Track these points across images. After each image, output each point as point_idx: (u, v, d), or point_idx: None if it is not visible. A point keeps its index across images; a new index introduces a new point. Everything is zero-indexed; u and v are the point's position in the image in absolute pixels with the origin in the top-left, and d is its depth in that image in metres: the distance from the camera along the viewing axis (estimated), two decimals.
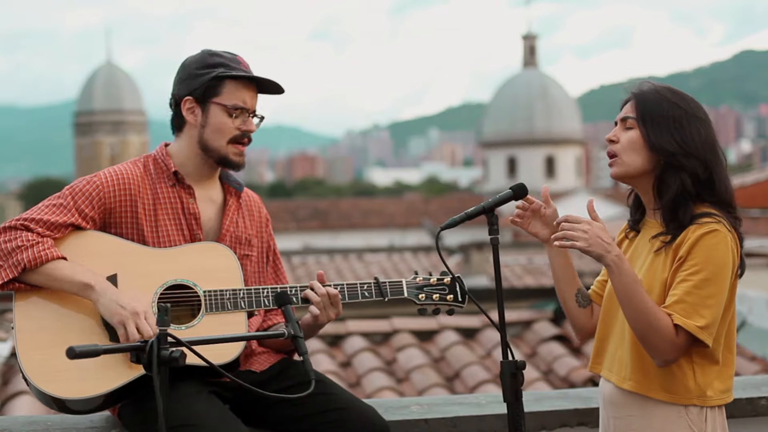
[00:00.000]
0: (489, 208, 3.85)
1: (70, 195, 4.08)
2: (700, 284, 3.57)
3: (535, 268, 26.51)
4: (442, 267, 14.97)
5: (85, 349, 2.93)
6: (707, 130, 3.75)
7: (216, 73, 4.17)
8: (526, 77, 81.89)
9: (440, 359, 9.26)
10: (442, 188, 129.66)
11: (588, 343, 9.43)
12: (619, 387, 3.80)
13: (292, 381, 4.15)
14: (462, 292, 4.35)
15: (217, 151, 4.20)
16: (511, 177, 77.78)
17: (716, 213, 3.67)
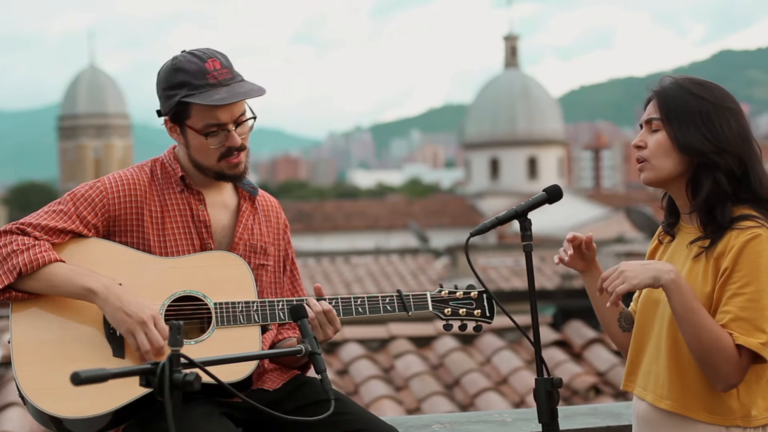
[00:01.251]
0: (522, 212, 3.67)
1: (71, 201, 3.84)
2: (754, 297, 3.35)
3: (522, 270, 26.34)
4: (431, 269, 14.86)
5: (90, 375, 2.64)
6: (738, 120, 3.52)
7: (179, 98, 3.84)
8: (507, 78, 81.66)
9: (439, 366, 9.09)
10: (424, 190, 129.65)
11: (589, 349, 9.27)
12: (656, 406, 3.57)
13: (308, 400, 3.93)
14: (490, 307, 4.10)
15: (210, 168, 3.94)
16: (493, 178, 77.72)
17: (757, 215, 3.45)
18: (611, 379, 8.69)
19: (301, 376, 4.08)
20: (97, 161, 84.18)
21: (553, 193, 3.74)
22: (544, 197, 3.74)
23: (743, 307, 3.35)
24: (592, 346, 9.36)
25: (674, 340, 3.49)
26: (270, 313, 3.87)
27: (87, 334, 3.76)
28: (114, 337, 3.75)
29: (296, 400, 3.91)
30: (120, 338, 3.75)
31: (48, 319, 3.76)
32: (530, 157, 78.14)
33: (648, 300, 3.63)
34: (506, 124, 78.56)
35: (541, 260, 28.20)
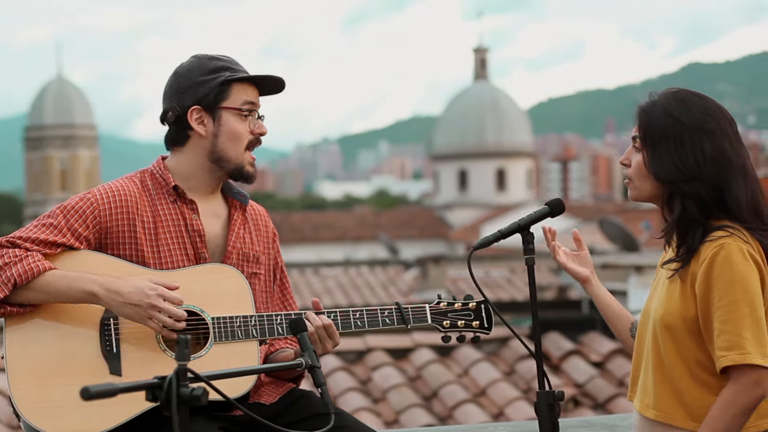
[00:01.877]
0: (525, 225, 3.70)
1: (61, 213, 3.78)
2: (731, 308, 3.40)
3: (492, 281, 26.47)
4: (401, 281, 14.85)
5: (100, 390, 2.61)
6: (716, 143, 3.52)
7: (224, 77, 3.91)
8: (477, 90, 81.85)
9: (416, 378, 9.08)
10: (391, 201, 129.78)
11: (567, 361, 9.31)
12: (643, 415, 3.62)
13: (305, 413, 3.88)
14: (488, 317, 4.11)
15: (233, 160, 3.92)
16: (462, 190, 77.86)
17: (730, 225, 3.48)
18: (590, 390, 8.71)
19: (297, 389, 4.04)
20: (64, 172, 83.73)
21: (555, 206, 3.77)
22: (547, 210, 3.76)
23: (724, 320, 3.40)
24: (570, 358, 9.37)
25: (657, 350, 3.55)
26: (268, 327, 3.83)
27: (82, 352, 3.71)
28: (111, 355, 3.70)
29: (294, 414, 3.86)
30: (116, 356, 3.71)
31: (43, 336, 3.71)
32: (499, 169, 78.34)
33: (644, 312, 3.69)
34: (475, 135, 78.73)
35: (511, 272, 28.30)
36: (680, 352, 3.50)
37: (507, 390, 8.61)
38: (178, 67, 4.00)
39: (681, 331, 3.48)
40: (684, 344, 3.49)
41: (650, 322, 3.60)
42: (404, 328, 4.03)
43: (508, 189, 77.66)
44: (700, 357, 3.49)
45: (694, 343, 3.48)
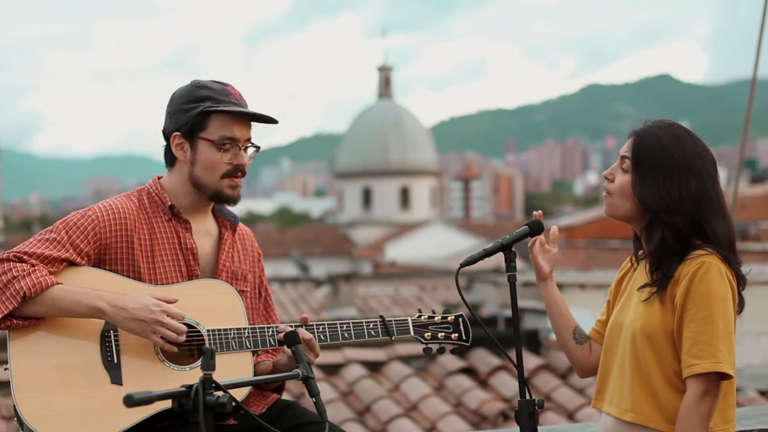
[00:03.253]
0: (507, 244, 3.91)
1: (63, 230, 3.95)
2: (707, 321, 3.66)
3: (403, 299, 26.63)
4: (312, 298, 14.96)
5: (141, 397, 2.84)
6: (700, 181, 3.79)
7: (202, 108, 4.07)
8: (381, 108, 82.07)
9: (349, 393, 9.24)
10: (294, 218, 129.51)
11: (494, 376, 9.54)
12: (621, 419, 3.84)
13: (292, 423, 4.08)
14: (466, 330, 4.33)
15: (209, 186, 4.11)
16: (366, 208, 78.06)
17: (708, 246, 3.75)
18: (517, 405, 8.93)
19: (282, 400, 4.24)
20: None
21: (535, 226, 3.99)
22: (527, 231, 3.99)
23: (700, 331, 3.66)
24: (497, 373, 9.60)
25: (636, 358, 3.80)
26: (261, 339, 4.04)
27: (84, 363, 3.86)
28: (111, 365, 3.86)
29: (283, 423, 4.04)
30: (117, 365, 3.87)
31: (46, 347, 3.85)
32: (403, 187, 78.64)
33: (614, 324, 3.93)
34: (379, 154, 78.95)
35: (421, 289, 28.51)
36: (659, 360, 3.76)
37: (438, 405, 8.81)
38: (175, 91, 4.19)
39: (661, 341, 3.74)
40: (663, 353, 3.75)
41: (627, 333, 3.84)
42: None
43: (412, 207, 78.00)
44: (676, 366, 3.75)
45: (672, 353, 3.75)
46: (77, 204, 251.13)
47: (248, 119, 4.16)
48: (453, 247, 60.42)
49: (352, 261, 64.69)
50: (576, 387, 9.46)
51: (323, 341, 4.17)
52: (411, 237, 68.25)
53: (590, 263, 30.64)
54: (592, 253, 33.42)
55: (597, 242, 36.22)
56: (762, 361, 10.32)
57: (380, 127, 79.66)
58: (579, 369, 4.18)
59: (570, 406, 8.99)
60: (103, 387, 3.84)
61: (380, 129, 79.57)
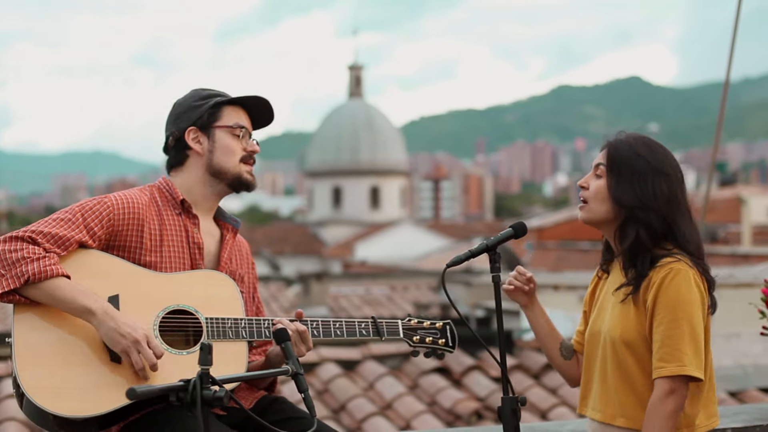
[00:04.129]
0: (492, 246, 3.99)
1: (79, 212, 4.07)
2: (672, 325, 3.79)
3: (374, 298, 26.73)
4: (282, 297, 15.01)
5: (143, 390, 2.97)
6: (671, 185, 3.95)
7: (215, 101, 4.32)
8: (351, 107, 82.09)
9: (324, 392, 9.30)
10: (263, 217, 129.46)
11: (468, 376, 9.63)
12: (609, 423, 3.95)
13: (279, 416, 4.18)
14: (452, 337, 4.44)
15: (230, 171, 4.31)
16: (336, 207, 78.09)
17: (677, 252, 3.88)
18: (492, 404, 9.01)
19: (267, 395, 4.35)
20: None
21: (519, 229, 4.08)
22: (511, 233, 4.07)
23: (667, 335, 3.79)
24: (471, 373, 9.68)
25: (619, 364, 3.90)
26: (257, 330, 4.15)
27: (85, 339, 3.94)
28: None
29: (269, 417, 4.14)
30: None
31: (49, 322, 3.94)
32: (373, 187, 78.69)
33: (590, 334, 4.07)
34: (349, 153, 78.99)
35: (391, 289, 28.60)
36: (641, 364, 3.89)
37: (412, 404, 8.88)
38: (177, 99, 4.41)
39: (640, 346, 3.86)
40: (644, 357, 3.88)
41: (606, 341, 3.97)
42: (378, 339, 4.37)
43: (382, 207, 78.09)
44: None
45: (650, 356, 3.85)
46: (44, 200, 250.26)
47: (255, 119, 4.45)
48: (422, 247, 60.61)
49: (322, 260, 64.78)
50: (549, 387, 9.56)
51: (316, 337, 4.29)
52: (381, 237, 68.36)
53: (561, 264, 30.84)
54: (562, 254, 33.63)
55: (567, 243, 36.47)
56: (732, 362, 10.45)
57: (351, 126, 79.71)
58: (569, 381, 4.31)
59: (543, 406, 9.08)
60: (103, 364, 3.93)
61: (351, 128, 79.61)
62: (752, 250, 26.41)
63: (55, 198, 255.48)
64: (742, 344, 10.74)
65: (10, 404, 7.89)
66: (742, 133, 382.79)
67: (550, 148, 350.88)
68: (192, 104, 4.34)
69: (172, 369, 3.90)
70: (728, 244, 31.91)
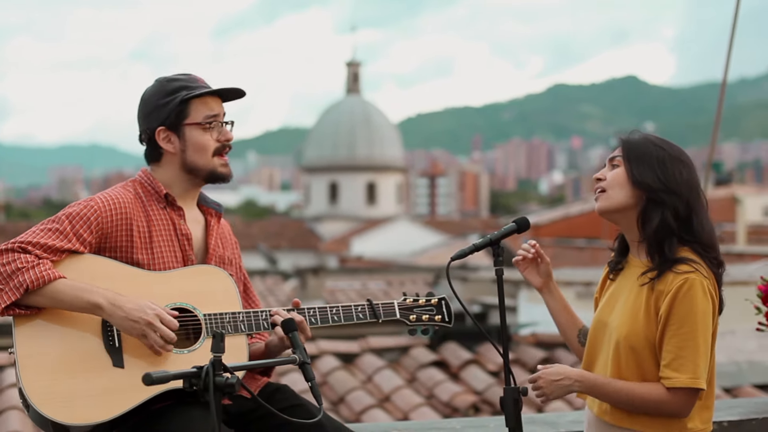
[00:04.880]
0: (495, 240, 4.04)
1: (67, 220, 4.09)
2: (688, 336, 3.82)
3: (370, 293, 26.75)
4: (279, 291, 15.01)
5: (159, 376, 3.09)
6: (690, 173, 3.96)
7: (180, 97, 4.28)
8: (349, 103, 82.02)
9: (322, 384, 9.37)
10: (260, 212, 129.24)
11: (465, 370, 9.71)
12: (601, 418, 4.01)
13: (282, 405, 4.23)
14: (449, 312, 4.49)
15: (204, 168, 4.31)
16: (332, 202, 78.07)
17: (694, 259, 3.89)
18: (489, 397, 9.11)
19: (272, 383, 4.42)
20: None
21: (522, 223, 4.14)
22: (514, 227, 4.13)
23: (681, 346, 3.83)
24: (469, 367, 9.77)
25: (618, 364, 3.95)
26: (255, 323, 4.22)
27: (87, 347, 4.02)
28: (113, 349, 4.02)
29: (272, 405, 4.18)
30: (119, 349, 4.02)
31: (49, 332, 4.00)
32: (369, 183, 78.64)
33: (598, 322, 4.08)
34: (346, 149, 78.95)
35: (387, 284, 28.66)
36: (640, 369, 3.93)
37: (410, 396, 8.97)
38: (144, 93, 4.40)
39: (644, 351, 3.90)
40: (645, 362, 3.92)
41: (612, 337, 3.99)
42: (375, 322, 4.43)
43: (379, 203, 78.06)
44: (656, 375, 3.91)
45: (653, 363, 3.92)
46: (41, 193, 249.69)
47: (220, 98, 4.38)
48: (418, 243, 60.60)
49: (318, 255, 64.72)
50: None
51: (314, 324, 4.36)
52: (377, 232, 68.32)
53: (556, 261, 30.87)
54: (558, 251, 33.67)
55: (563, 241, 36.52)
56: (727, 359, 10.54)
57: (348, 122, 79.64)
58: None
59: (538, 401, 9.14)
60: (106, 370, 4.00)
61: (348, 124, 79.54)
62: (747, 249, 26.49)
63: (52, 190, 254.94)
64: (736, 341, 10.82)
65: (12, 394, 7.97)
66: (737, 133, 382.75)
67: (546, 146, 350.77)
68: (159, 102, 4.29)
69: (175, 367, 3.94)
70: (723, 243, 31.97)
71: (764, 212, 47.13)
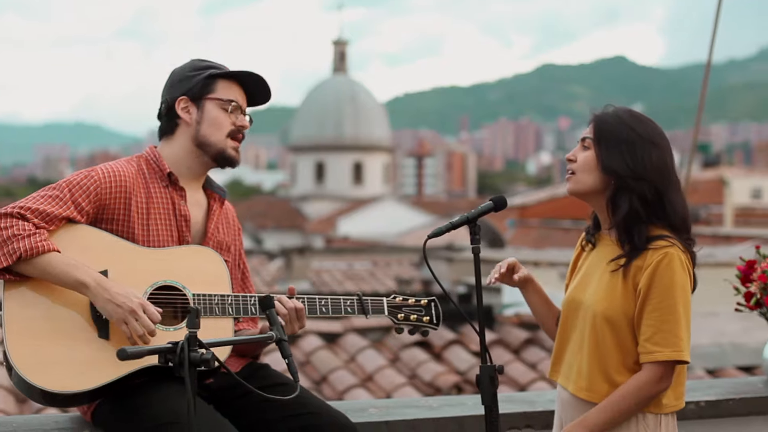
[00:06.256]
0: (472, 218, 4.01)
1: (67, 188, 4.09)
2: (670, 310, 3.80)
3: (355, 273, 26.86)
4: (265, 271, 15.06)
5: (133, 351, 3.08)
6: (661, 155, 3.91)
7: (210, 72, 4.32)
8: (336, 82, 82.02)
9: (306, 363, 9.38)
10: (245, 191, 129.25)
11: (449, 350, 9.72)
12: (578, 396, 3.99)
13: (264, 382, 4.21)
14: (437, 314, 4.47)
15: (215, 145, 4.30)
16: (318, 182, 78.12)
17: (669, 235, 3.87)
18: (471, 377, 9.10)
19: (253, 362, 4.42)
20: None
21: (499, 202, 4.10)
22: (491, 206, 4.09)
23: (662, 320, 3.80)
24: (452, 347, 9.78)
25: (595, 340, 3.92)
26: (243, 307, 4.18)
27: (74, 316, 3.99)
28: (99, 320, 3.99)
29: (254, 383, 4.16)
30: (105, 321, 4.00)
31: (38, 299, 3.99)
32: (356, 162, 78.70)
33: (571, 302, 4.06)
34: (333, 128, 78.97)
35: (373, 264, 28.73)
36: (619, 344, 3.88)
37: (393, 376, 8.97)
38: (175, 68, 4.41)
39: (622, 326, 3.87)
40: (623, 337, 3.88)
41: (588, 313, 3.95)
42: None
43: (365, 183, 78.14)
44: (635, 351, 3.88)
45: (632, 338, 3.88)
46: (26, 171, 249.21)
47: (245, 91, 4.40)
48: (405, 224, 60.68)
49: (304, 235, 64.80)
50: (528, 362, 9.66)
51: None
52: (363, 212, 68.41)
53: (543, 242, 30.96)
54: (544, 232, 33.79)
55: (549, 222, 36.62)
56: (710, 341, 10.57)
57: (334, 102, 79.65)
58: None
59: (522, 381, 9.18)
60: (91, 341, 3.99)
61: (334, 103, 79.55)
62: (733, 231, 26.62)
63: (37, 169, 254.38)
64: (720, 323, 10.86)
65: None
66: (726, 114, 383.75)
67: (533, 127, 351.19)
68: (187, 74, 4.34)
69: (160, 343, 3.93)
70: (710, 225, 32.08)
71: (752, 194, 47.33)
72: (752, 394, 5.26)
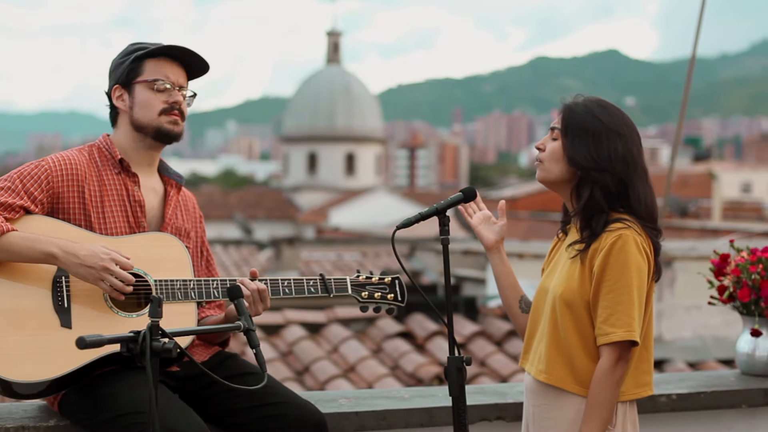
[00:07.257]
0: (441, 209, 4.06)
1: (18, 178, 4.11)
2: (623, 291, 3.84)
3: (345, 264, 26.80)
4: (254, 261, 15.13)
5: (92, 340, 3.06)
6: (627, 146, 3.97)
7: (135, 55, 4.30)
8: (329, 73, 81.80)
9: (288, 353, 9.41)
10: (238, 181, 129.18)
11: (431, 341, 9.75)
12: (537, 379, 4.03)
13: (231, 372, 4.25)
14: (401, 291, 4.50)
15: (149, 125, 4.30)
16: (311, 172, 77.94)
17: (627, 218, 3.93)
18: None
19: (222, 351, 4.44)
20: None
21: (468, 193, 4.16)
22: (461, 197, 4.14)
23: (616, 301, 3.84)
24: (435, 339, 9.82)
25: (554, 322, 3.98)
26: (205, 291, 4.21)
27: (36, 304, 4.01)
28: (62, 309, 4.01)
29: (222, 372, 4.20)
30: (67, 310, 4.02)
31: (0, 289, 4.01)
32: (348, 153, 78.52)
33: (541, 290, 4.11)
34: (326, 119, 78.78)
35: (363, 255, 28.69)
36: (577, 326, 3.93)
37: (375, 367, 9.01)
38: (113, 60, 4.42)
39: (579, 308, 3.91)
40: (581, 320, 3.93)
41: (549, 298, 4.02)
42: (326, 297, 4.43)
43: (357, 173, 77.97)
44: (592, 332, 3.93)
45: (589, 321, 3.93)
46: (20, 159, 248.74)
47: (181, 67, 4.38)
48: (397, 215, 60.48)
49: (296, 225, 64.70)
50: (510, 354, 9.69)
51: None
52: (355, 203, 68.28)
53: (531, 234, 30.99)
54: (533, 224, 33.78)
55: (538, 214, 36.62)
56: (692, 334, 10.60)
57: (328, 92, 79.47)
58: (521, 333, 4.35)
59: (504, 372, 9.21)
60: (53, 330, 4.00)
61: (328, 94, 79.36)
62: (721, 225, 26.62)
63: (30, 157, 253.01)
64: (702, 316, 10.88)
65: None
66: (718, 109, 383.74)
67: (526, 119, 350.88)
68: (118, 62, 4.35)
69: (123, 331, 3.96)
70: (698, 219, 32.13)
71: (742, 188, 47.39)
72: (724, 387, 5.29)
